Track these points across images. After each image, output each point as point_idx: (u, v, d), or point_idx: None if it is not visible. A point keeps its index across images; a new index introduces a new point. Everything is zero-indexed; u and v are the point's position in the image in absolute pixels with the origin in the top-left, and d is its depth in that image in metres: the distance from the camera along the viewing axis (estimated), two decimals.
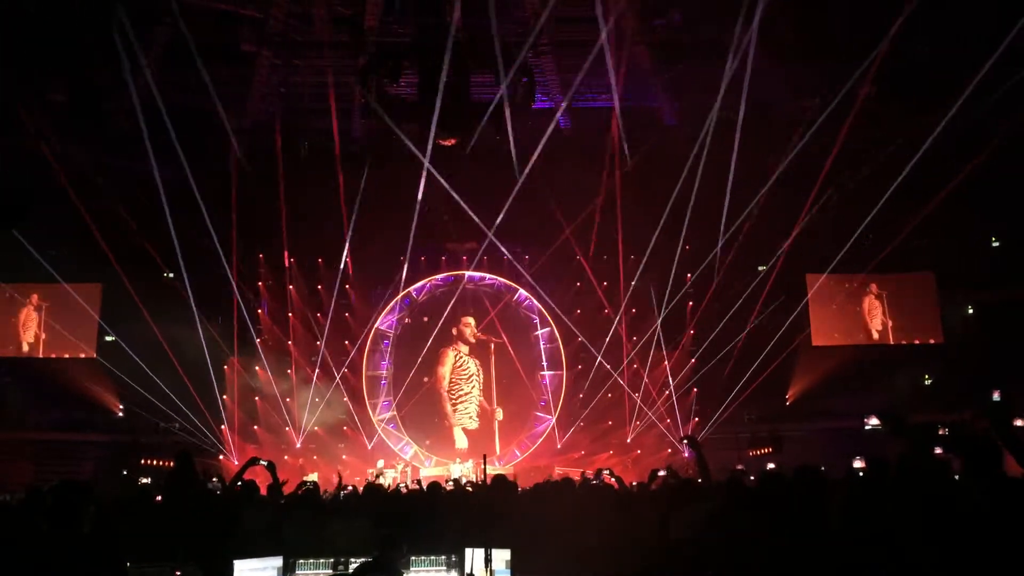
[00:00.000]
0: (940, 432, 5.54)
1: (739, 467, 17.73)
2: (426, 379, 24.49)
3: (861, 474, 7.66)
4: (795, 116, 20.39)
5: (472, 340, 24.40)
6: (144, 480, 19.73)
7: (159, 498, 8.21)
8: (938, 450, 5.06)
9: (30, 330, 23.96)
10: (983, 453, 4.43)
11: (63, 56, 18.38)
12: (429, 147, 18.41)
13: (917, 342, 24.49)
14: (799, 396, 24.41)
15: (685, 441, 8.60)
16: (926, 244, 21.98)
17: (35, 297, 24.03)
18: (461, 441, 24.09)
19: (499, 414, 24.16)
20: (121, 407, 24.45)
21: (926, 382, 24.60)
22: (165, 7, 18.41)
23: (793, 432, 22.68)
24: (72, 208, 19.47)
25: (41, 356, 23.91)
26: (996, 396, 17.09)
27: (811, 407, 24.32)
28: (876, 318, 24.51)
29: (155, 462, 22.20)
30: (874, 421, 16.01)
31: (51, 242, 21.00)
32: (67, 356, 23.85)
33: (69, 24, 17.35)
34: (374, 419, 23.99)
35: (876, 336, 24.52)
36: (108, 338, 23.63)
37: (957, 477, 4.69)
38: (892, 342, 24.49)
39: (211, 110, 21.12)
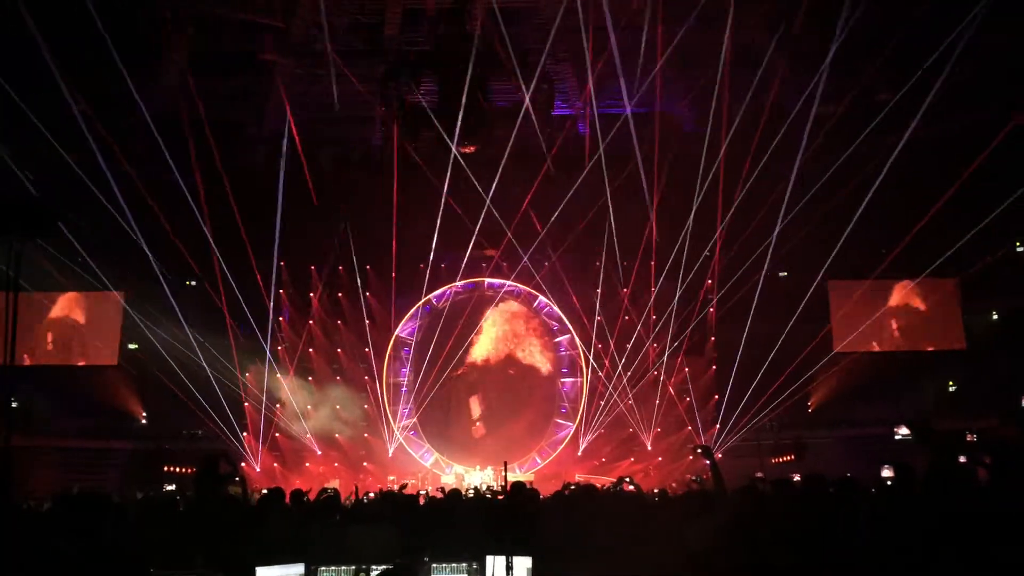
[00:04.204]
0: (968, 439, 5.49)
1: (759, 475, 17.57)
2: (459, 372, 24.46)
3: (889, 483, 7.53)
4: (815, 122, 20.26)
5: (491, 347, 24.38)
6: (168, 487, 19.84)
7: (183, 505, 8.26)
8: (962, 458, 5.00)
9: (54, 337, 24.16)
10: (1013, 460, 4.39)
11: (88, 66, 18.57)
12: (448, 153, 18.50)
13: (939, 349, 24.23)
14: (821, 403, 24.19)
15: (699, 451, 8.49)
16: (949, 250, 21.71)
17: (59, 305, 24.24)
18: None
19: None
20: (144, 414, 24.61)
21: (951, 389, 24.33)
22: (188, 18, 18.62)
23: (815, 440, 22.47)
24: (95, 217, 19.61)
25: (65, 364, 24.04)
26: None
27: (833, 414, 24.09)
28: (898, 324, 24.26)
29: (179, 469, 22.31)
30: (904, 431, 15.86)
31: (75, 251, 21.19)
32: (90, 364, 24.03)
33: (95, 35, 17.54)
34: (395, 427, 24.00)
35: (898, 343, 24.27)
36: (131, 346, 23.81)
37: (983, 485, 4.64)
38: (915, 348, 24.24)
39: (234, 119, 21.31)
